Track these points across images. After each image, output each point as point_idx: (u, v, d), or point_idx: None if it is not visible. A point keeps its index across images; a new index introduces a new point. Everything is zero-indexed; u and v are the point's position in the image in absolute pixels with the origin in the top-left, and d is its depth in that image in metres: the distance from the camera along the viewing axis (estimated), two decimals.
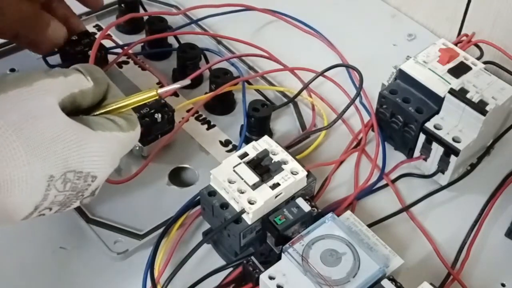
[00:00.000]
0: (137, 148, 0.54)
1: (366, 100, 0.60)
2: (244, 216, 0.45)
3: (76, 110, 0.42)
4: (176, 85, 0.43)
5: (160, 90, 0.43)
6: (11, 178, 0.36)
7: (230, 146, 0.57)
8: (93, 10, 0.66)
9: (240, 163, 0.47)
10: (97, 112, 0.43)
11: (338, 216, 0.46)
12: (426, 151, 0.54)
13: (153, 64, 0.64)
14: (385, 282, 0.42)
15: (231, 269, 0.47)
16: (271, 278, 0.42)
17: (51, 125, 0.38)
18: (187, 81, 0.44)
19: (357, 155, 0.57)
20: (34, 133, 0.37)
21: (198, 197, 0.49)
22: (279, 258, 0.44)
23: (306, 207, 0.46)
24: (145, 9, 0.67)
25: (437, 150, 0.53)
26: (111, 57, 0.61)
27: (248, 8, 0.69)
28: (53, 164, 0.38)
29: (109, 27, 0.58)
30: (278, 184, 0.46)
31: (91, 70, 0.43)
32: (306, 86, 0.60)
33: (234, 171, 0.46)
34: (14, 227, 0.41)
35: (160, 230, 0.49)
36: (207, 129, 0.58)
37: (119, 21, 0.64)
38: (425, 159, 0.55)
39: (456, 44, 0.59)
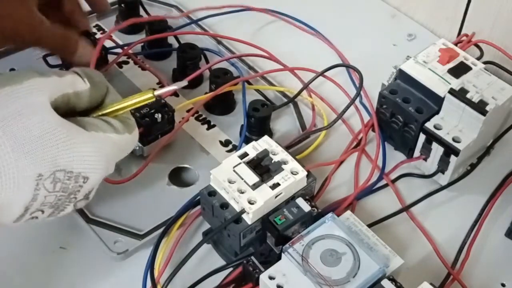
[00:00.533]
0: (137, 148, 0.54)
1: (366, 100, 0.60)
2: (244, 216, 0.45)
3: (72, 112, 0.42)
4: (173, 87, 0.43)
5: (157, 92, 0.43)
6: None
7: (230, 146, 0.57)
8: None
9: (240, 163, 0.47)
10: (94, 115, 0.43)
11: (338, 216, 0.46)
12: (426, 151, 0.54)
13: (153, 64, 0.64)
14: (385, 282, 0.42)
15: (231, 269, 0.47)
16: (271, 278, 0.42)
17: (39, 123, 0.38)
18: (184, 83, 0.44)
19: (357, 155, 0.57)
20: (21, 130, 0.37)
21: (198, 197, 0.49)
22: (279, 258, 0.44)
23: (306, 207, 0.46)
24: (145, 9, 0.67)
25: (437, 150, 0.53)
26: (111, 57, 0.61)
27: (248, 8, 0.69)
28: (41, 162, 0.37)
29: (112, 31, 0.59)
30: (278, 184, 0.46)
31: (90, 74, 0.43)
32: (306, 86, 0.60)
33: (234, 171, 0.46)
34: (14, 227, 0.41)
35: (160, 230, 0.49)
36: (207, 129, 0.58)
37: (122, 26, 0.63)
38: (425, 159, 0.55)
39: (456, 44, 0.59)
